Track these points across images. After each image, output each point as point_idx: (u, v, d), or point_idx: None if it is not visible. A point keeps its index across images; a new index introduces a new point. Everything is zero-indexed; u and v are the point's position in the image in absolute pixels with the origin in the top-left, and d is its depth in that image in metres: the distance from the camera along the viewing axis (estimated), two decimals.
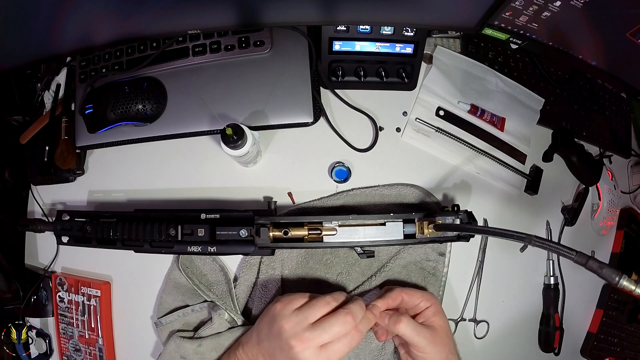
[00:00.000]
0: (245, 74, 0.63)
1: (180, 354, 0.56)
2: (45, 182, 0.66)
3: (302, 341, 0.44)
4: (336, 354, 0.45)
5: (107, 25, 0.55)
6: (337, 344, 0.45)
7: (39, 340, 0.64)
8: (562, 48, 0.56)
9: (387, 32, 0.61)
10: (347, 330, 0.45)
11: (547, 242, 0.37)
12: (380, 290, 0.55)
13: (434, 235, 0.53)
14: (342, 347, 0.45)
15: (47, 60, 0.67)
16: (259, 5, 0.53)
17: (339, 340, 0.45)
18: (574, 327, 0.71)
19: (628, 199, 0.80)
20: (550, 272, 0.67)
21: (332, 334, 0.45)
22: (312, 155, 0.64)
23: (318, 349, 0.44)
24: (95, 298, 0.62)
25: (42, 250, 0.66)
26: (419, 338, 0.48)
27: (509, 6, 0.49)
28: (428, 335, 0.48)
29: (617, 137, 0.78)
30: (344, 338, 0.45)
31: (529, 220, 0.69)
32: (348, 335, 0.45)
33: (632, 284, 0.33)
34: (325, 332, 0.45)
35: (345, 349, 0.45)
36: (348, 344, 0.45)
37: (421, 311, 0.51)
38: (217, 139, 0.55)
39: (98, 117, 0.63)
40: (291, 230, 0.53)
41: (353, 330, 0.45)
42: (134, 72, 0.64)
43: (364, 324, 0.47)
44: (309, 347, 0.44)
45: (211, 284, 0.59)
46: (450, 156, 0.66)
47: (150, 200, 0.64)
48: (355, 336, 0.46)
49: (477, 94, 0.68)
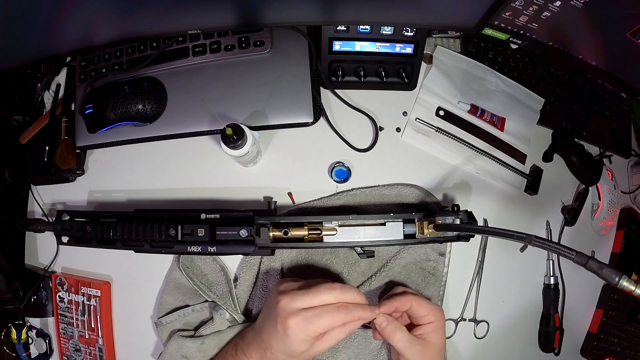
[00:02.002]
0: (245, 74, 0.63)
1: (182, 354, 0.56)
2: (45, 182, 0.66)
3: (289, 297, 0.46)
4: (321, 325, 0.45)
5: (107, 25, 0.55)
6: (324, 316, 0.45)
7: (39, 340, 0.64)
8: (562, 48, 0.56)
9: (387, 32, 0.61)
10: (335, 298, 0.46)
11: (547, 242, 0.37)
12: (393, 289, 0.54)
13: (434, 235, 0.53)
14: (327, 320, 0.45)
15: (47, 60, 0.67)
16: (259, 5, 0.53)
17: (326, 314, 0.45)
18: (574, 327, 0.71)
19: (628, 199, 0.80)
20: (550, 272, 0.67)
21: (318, 299, 0.46)
22: (312, 155, 0.64)
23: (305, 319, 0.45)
24: (95, 298, 0.62)
25: (42, 250, 0.66)
26: (410, 352, 0.48)
27: (509, 6, 0.49)
28: (419, 349, 0.48)
29: (617, 137, 0.78)
30: (331, 312, 0.46)
31: (529, 220, 0.69)
32: (337, 311, 0.46)
33: (632, 284, 0.33)
34: (310, 296, 0.46)
35: (326, 323, 0.45)
36: (331, 318, 0.45)
37: (423, 323, 0.50)
38: (217, 139, 0.55)
39: (98, 117, 0.63)
40: (291, 230, 0.53)
41: (343, 308, 0.46)
42: (134, 72, 0.64)
43: (357, 309, 0.47)
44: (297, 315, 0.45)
45: (211, 284, 0.59)
46: (450, 156, 0.66)
47: (150, 200, 0.64)
48: (343, 314, 0.46)
49: (477, 94, 0.68)
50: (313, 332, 0.45)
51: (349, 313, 0.46)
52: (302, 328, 0.45)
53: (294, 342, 0.46)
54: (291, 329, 0.45)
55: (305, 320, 0.45)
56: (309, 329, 0.45)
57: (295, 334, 0.45)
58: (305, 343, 0.46)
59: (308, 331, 0.45)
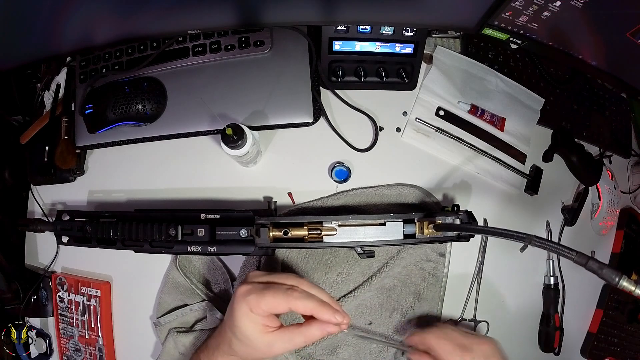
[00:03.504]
0: (245, 74, 0.63)
1: (179, 351, 0.56)
2: (45, 182, 0.66)
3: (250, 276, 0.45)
4: (265, 300, 0.42)
5: (107, 25, 0.55)
6: (269, 290, 0.42)
7: (39, 340, 0.64)
8: (562, 48, 0.56)
9: (387, 32, 0.61)
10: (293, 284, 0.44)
11: (547, 242, 0.37)
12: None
13: (434, 235, 0.53)
14: (271, 296, 0.42)
15: (47, 60, 0.67)
16: (259, 5, 0.53)
17: (273, 289, 0.43)
18: (574, 327, 0.71)
19: (628, 199, 0.80)
20: (550, 272, 0.67)
21: (275, 279, 0.44)
22: (312, 155, 0.64)
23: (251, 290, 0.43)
24: (95, 298, 0.62)
25: (42, 250, 0.66)
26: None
27: (509, 6, 0.49)
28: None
29: (617, 137, 0.78)
30: (278, 289, 0.43)
31: (529, 220, 0.69)
32: (285, 291, 0.42)
33: (632, 285, 0.33)
34: (269, 276, 0.45)
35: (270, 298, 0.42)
36: (275, 294, 0.42)
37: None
38: (217, 139, 0.55)
39: (98, 117, 0.63)
40: (291, 230, 0.53)
41: (294, 291, 0.42)
42: (134, 72, 0.64)
43: (311, 299, 0.43)
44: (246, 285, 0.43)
45: (209, 284, 0.59)
46: (450, 156, 0.66)
47: (150, 200, 0.64)
48: (291, 296, 0.42)
49: (477, 94, 0.68)
50: (254, 305, 0.42)
51: (299, 298, 0.42)
52: (244, 297, 0.42)
53: (237, 315, 0.42)
54: (236, 297, 0.43)
55: (250, 291, 0.42)
56: (250, 300, 0.42)
57: (238, 304, 0.42)
58: (248, 322, 0.42)
59: (249, 302, 0.42)
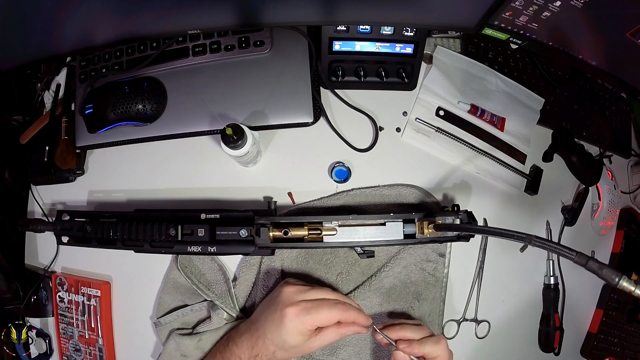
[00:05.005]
0: (245, 74, 0.63)
1: (180, 352, 0.56)
2: (45, 182, 0.66)
3: (294, 288, 0.50)
4: (318, 318, 0.47)
5: (107, 25, 0.55)
6: (322, 309, 0.48)
7: (39, 340, 0.64)
8: (562, 48, 0.56)
9: (387, 32, 0.61)
10: (336, 298, 0.50)
11: (547, 242, 0.37)
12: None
13: (434, 235, 0.53)
14: (325, 314, 0.47)
15: (47, 60, 0.67)
16: (259, 5, 0.53)
17: (325, 307, 0.48)
18: (574, 327, 0.71)
19: (628, 199, 0.80)
20: (550, 272, 0.67)
21: (320, 295, 0.49)
22: (312, 155, 0.64)
23: (304, 309, 0.47)
24: (95, 298, 0.62)
25: (42, 250, 0.66)
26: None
27: (509, 6, 0.49)
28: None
29: (617, 137, 0.78)
30: (329, 306, 0.48)
31: (529, 220, 0.69)
32: (334, 306, 0.48)
33: (632, 285, 0.32)
34: (313, 291, 0.49)
35: (323, 316, 0.47)
36: (329, 312, 0.48)
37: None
38: (217, 139, 0.55)
39: (98, 117, 0.63)
40: (291, 230, 0.53)
41: (341, 305, 0.49)
42: (134, 72, 0.64)
43: (354, 310, 0.50)
44: (297, 305, 0.48)
45: (210, 284, 0.59)
46: (450, 156, 0.66)
47: (150, 200, 0.64)
48: (340, 310, 0.48)
49: (477, 94, 0.68)
50: (309, 324, 0.46)
51: (346, 311, 0.49)
52: (299, 318, 0.46)
53: (289, 332, 0.46)
54: (288, 317, 0.46)
55: (304, 310, 0.47)
56: (306, 320, 0.46)
57: (292, 323, 0.46)
58: (299, 336, 0.47)
59: (304, 322, 0.46)
